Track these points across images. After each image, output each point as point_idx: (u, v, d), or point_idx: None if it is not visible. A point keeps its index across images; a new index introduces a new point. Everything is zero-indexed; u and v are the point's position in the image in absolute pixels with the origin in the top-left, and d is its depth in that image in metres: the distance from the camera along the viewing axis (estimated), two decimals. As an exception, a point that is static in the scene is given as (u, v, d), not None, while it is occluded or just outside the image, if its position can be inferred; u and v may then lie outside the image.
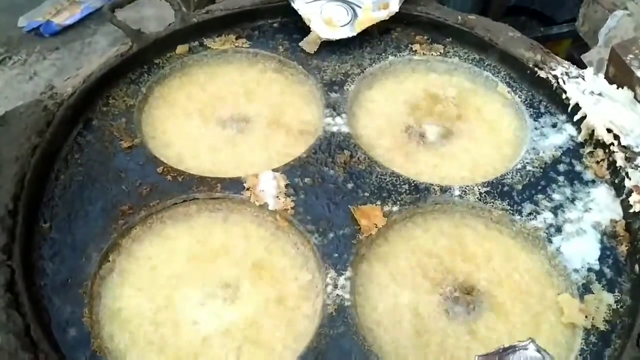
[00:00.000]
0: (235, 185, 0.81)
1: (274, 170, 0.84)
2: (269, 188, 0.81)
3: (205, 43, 1.03)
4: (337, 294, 0.71)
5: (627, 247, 0.78)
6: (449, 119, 0.95)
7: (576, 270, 0.76)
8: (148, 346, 0.69)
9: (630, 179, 0.81)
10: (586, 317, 0.71)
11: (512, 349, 0.55)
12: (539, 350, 0.55)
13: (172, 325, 0.71)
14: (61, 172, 0.83)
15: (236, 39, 1.03)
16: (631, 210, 0.79)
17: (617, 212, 0.81)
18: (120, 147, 0.86)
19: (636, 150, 0.84)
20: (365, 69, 1.00)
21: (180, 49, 1.01)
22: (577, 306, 0.72)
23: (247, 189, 0.81)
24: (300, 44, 1.02)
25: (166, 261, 0.76)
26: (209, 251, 0.78)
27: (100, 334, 0.69)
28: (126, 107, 0.92)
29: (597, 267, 0.76)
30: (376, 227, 0.78)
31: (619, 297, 0.73)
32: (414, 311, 0.72)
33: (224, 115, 0.94)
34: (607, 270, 0.76)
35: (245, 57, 1.03)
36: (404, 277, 0.76)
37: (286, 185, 0.82)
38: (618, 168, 0.83)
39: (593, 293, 0.74)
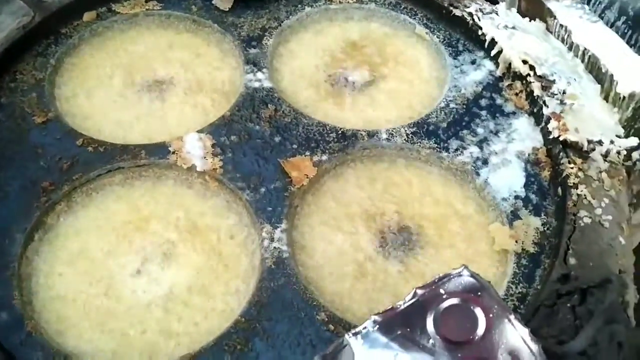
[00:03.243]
0: (160, 150, 0.79)
1: (199, 131, 0.82)
2: (195, 149, 0.79)
3: (113, 8, 0.98)
4: (275, 247, 0.71)
5: (549, 172, 0.80)
6: (371, 65, 0.95)
7: (504, 199, 0.78)
8: (86, 321, 0.67)
9: (547, 106, 0.83)
10: (516, 242, 0.74)
11: (447, 277, 0.56)
12: (472, 275, 0.56)
13: (110, 297, 0.69)
14: (-27, 154, 0.79)
15: (146, 1, 1.00)
16: (550, 137, 0.81)
17: (538, 140, 0.84)
18: (34, 123, 0.82)
19: (551, 78, 0.86)
20: (282, 22, 0.98)
21: (88, 16, 0.96)
22: (507, 233, 0.75)
23: (173, 153, 0.79)
24: (213, 1, 0.99)
25: (96, 234, 0.74)
26: (140, 219, 0.76)
27: (33, 315, 0.67)
28: (36, 81, 0.87)
29: (523, 194, 0.79)
30: (307, 177, 0.77)
31: (545, 220, 0.76)
32: (352, 255, 0.73)
33: (142, 81, 0.91)
34: (532, 196, 0.79)
35: (157, 20, 0.99)
36: (339, 223, 0.76)
37: (212, 145, 0.80)
38: (536, 97, 0.85)
39: (521, 219, 0.76)
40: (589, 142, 0.79)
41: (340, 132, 0.83)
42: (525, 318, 0.65)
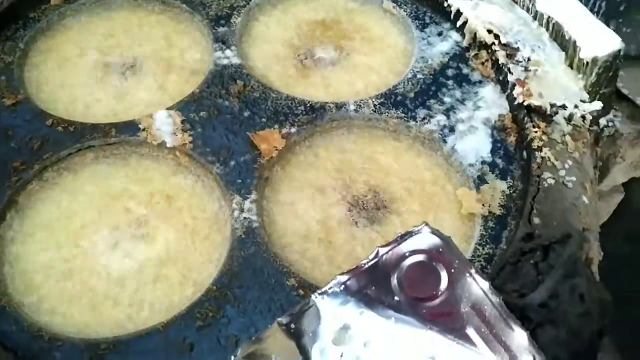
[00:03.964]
0: (130, 128, 0.80)
1: (168, 108, 0.82)
2: (165, 126, 0.80)
3: (82, -9, 0.99)
4: (245, 217, 0.72)
5: (515, 138, 0.82)
6: (339, 40, 0.96)
7: (471, 165, 0.79)
8: (59, 295, 0.68)
9: (512, 73, 0.85)
10: (483, 205, 0.75)
11: (409, 234, 0.58)
12: (433, 232, 0.58)
13: (83, 272, 0.70)
14: (-58, 138, 0.79)
15: (114, -16, 1.00)
16: (515, 103, 0.83)
17: (504, 107, 0.85)
18: (3, 105, 0.83)
19: (515, 46, 0.88)
20: (250, 1, 0.99)
21: (55, -1, 0.97)
22: (474, 197, 0.76)
23: (143, 130, 0.79)
24: (181, -18, 1.00)
25: (68, 211, 0.75)
26: (112, 196, 0.76)
27: (7, 290, 0.68)
28: (5, 65, 0.88)
29: (489, 160, 0.80)
30: (276, 149, 0.78)
31: (511, 184, 0.78)
32: (321, 223, 0.74)
33: (112, 62, 0.91)
34: (499, 161, 0.80)
35: (126, 2, 1.00)
36: (308, 193, 0.77)
37: (182, 122, 0.81)
38: (501, 65, 0.87)
39: (488, 183, 0.77)
40: (552, 105, 0.80)
41: (308, 105, 0.84)
42: (491, 277, 0.66)
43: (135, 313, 0.67)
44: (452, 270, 0.57)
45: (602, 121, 0.97)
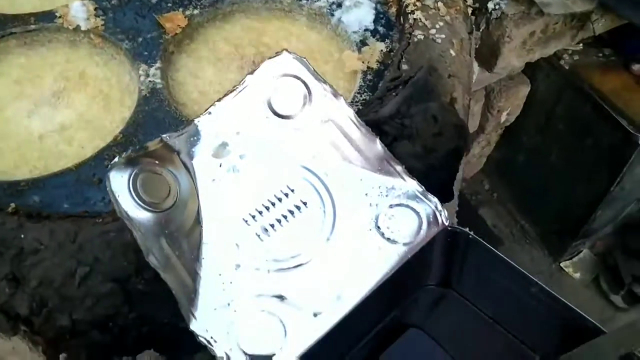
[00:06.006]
0: (47, 16, 0.89)
1: (83, -1, 0.92)
2: (80, 13, 0.89)
3: None
4: (149, 80, 0.82)
5: (396, 9, 0.91)
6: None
7: (355, 32, 0.89)
8: (-13, 152, 0.78)
9: (394, -47, 0.94)
10: (363, 62, 0.85)
11: (271, 59, 0.66)
12: (294, 56, 0.66)
13: (9, 134, 0.79)
14: None
15: None
16: (396, -22, 0.92)
17: (386, -17, 0.95)
18: None
19: None
20: None
21: None
22: (356, 57, 0.86)
23: (60, 17, 0.88)
24: None
25: (-6, 88, 0.84)
26: (34, 74, 0.85)
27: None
28: None
29: (372, 27, 0.90)
30: (180, 27, 0.88)
31: (389, 45, 0.87)
32: (219, 85, 0.84)
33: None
34: (380, 28, 0.90)
35: None
36: (209, 63, 0.87)
37: (95, 9, 0.90)
38: (385, -52, 0.96)
39: (368, 45, 0.87)
40: (426, -24, 0.90)
41: (210, -10, 0.93)
42: (357, 109, 0.76)
43: (53, 163, 0.76)
44: (311, 89, 0.66)
45: (490, 5, 1.08)
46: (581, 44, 1.27)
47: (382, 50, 0.86)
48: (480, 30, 1.11)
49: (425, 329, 0.78)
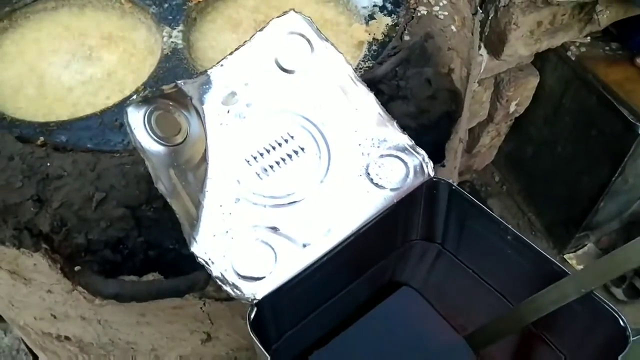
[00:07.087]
0: (84, -17, 0.97)
1: (117, -31, 1.00)
2: (113, -19, 0.97)
3: None
4: (172, 41, 0.89)
5: (404, -12, 0.98)
6: None
7: (364, 7, 0.95)
8: (24, 98, 0.85)
9: (406, -62, 1.00)
10: (369, 33, 0.91)
11: (278, 18, 0.72)
12: (298, 14, 0.72)
13: (43, 83, 0.87)
14: None
15: None
16: (406, -40, 0.98)
17: (398, -34, 1.01)
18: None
19: None
20: None
21: None
22: (364, 29, 0.92)
23: (95, -16, 0.97)
24: None
25: (33, 43, 0.92)
26: (70, 33, 0.94)
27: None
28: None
29: (380, 3, 0.96)
30: (203, -4, 0.95)
31: (395, 19, 0.94)
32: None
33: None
34: (388, 5, 0.96)
35: None
36: (228, 31, 0.94)
37: (126, -22, 0.98)
38: None
39: (375, 19, 0.94)
40: (432, -43, 0.96)
41: (234, -35, 1.00)
42: (360, 73, 0.82)
43: (80, 110, 0.84)
44: (314, 46, 0.72)
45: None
46: (589, 37, 1.31)
47: (387, 24, 0.92)
48: (490, 17, 1.17)
49: (416, 287, 0.84)
